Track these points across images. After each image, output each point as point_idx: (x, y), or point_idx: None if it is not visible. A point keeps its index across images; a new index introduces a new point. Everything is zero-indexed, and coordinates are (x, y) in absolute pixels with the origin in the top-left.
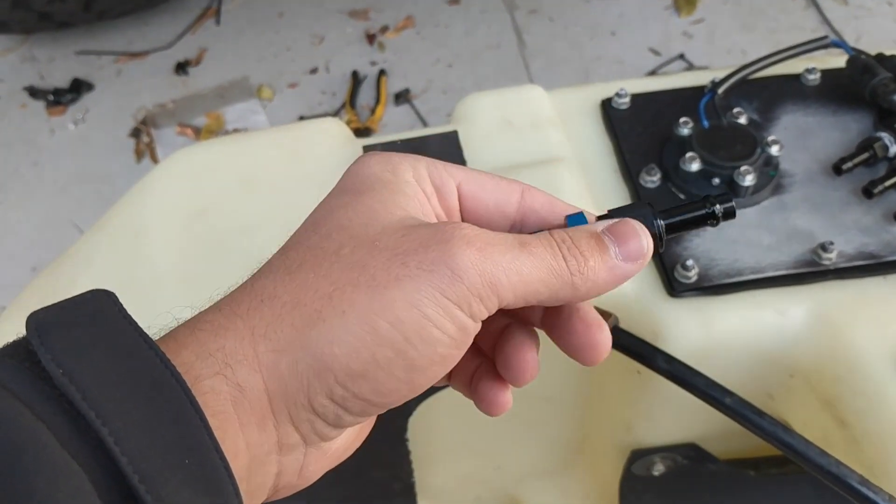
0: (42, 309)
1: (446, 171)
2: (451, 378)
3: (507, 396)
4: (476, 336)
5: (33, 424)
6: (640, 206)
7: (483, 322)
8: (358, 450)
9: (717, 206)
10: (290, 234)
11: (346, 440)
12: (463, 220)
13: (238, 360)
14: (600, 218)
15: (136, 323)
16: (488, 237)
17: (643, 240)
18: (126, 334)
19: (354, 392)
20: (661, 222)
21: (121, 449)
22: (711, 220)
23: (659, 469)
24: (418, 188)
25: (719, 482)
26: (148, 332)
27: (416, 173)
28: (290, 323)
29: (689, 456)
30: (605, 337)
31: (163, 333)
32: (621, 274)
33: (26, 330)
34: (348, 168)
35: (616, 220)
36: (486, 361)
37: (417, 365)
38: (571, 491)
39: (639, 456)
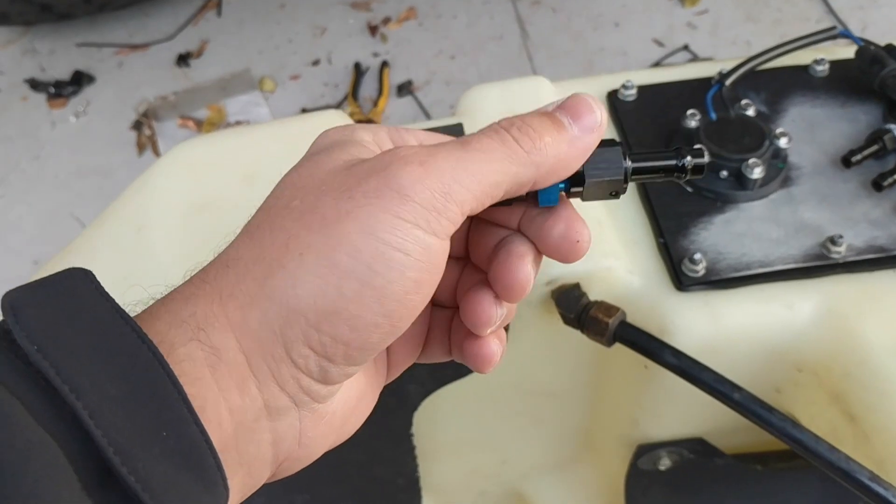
0: (17, 288)
1: (407, 133)
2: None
3: (494, 332)
4: (474, 257)
5: (7, 400)
6: (610, 143)
7: (471, 237)
8: (362, 446)
9: (689, 158)
10: None
11: (345, 406)
12: None
13: (210, 324)
14: None
15: (112, 299)
16: (427, 150)
17: (596, 111)
18: (101, 310)
19: (331, 334)
20: (630, 163)
21: (95, 423)
22: (679, 172)
23: (665, 463)
24: (376, 146)
25: (726, 476)
26: (127, 310)
27: (376, 136)
28: (252, 278)
29: (696, 450)
30: (587, 232)
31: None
32: (583, 146)
33: (1, 309)
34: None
35: (566, 97)
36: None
37: (389, 293)
38: (577, 485)
39: (645, 450)
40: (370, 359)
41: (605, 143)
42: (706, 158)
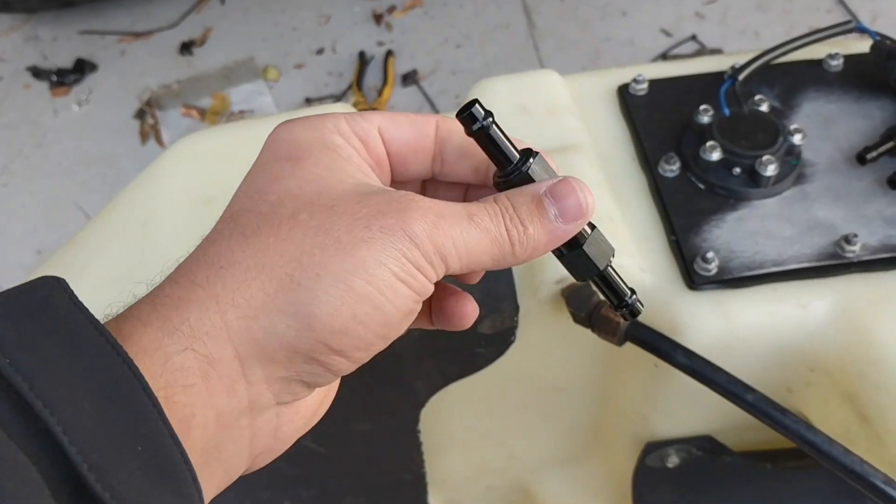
0: None
1: (365, 121)
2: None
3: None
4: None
5: None
6: (607, 242)
7: None
8: (369, 442)
9: (634, 297)
10: None
11: (319, 398)
12: (389, 160)
13: (205, 332)
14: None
15: (87, 310)
16: (440, 209)
17: (579, 195)
18: (76, 322)
19: (337, 349)
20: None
21: (70, 438)
22: (618, 304)
23: (673, 461)
24: (350, 147)
25: (734, 474)
26: (110, 310)
27: (341, 131)
28: (259, 288)
29: (704, 448)
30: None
31: (122, 309)
32: (561, 236)
33: None
34: (271, 135)
35: (559, 178)
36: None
37: (392, 319)
38: (584, 481)
39: (653, 448)
40: (354, 367)
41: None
42: (642, 310)
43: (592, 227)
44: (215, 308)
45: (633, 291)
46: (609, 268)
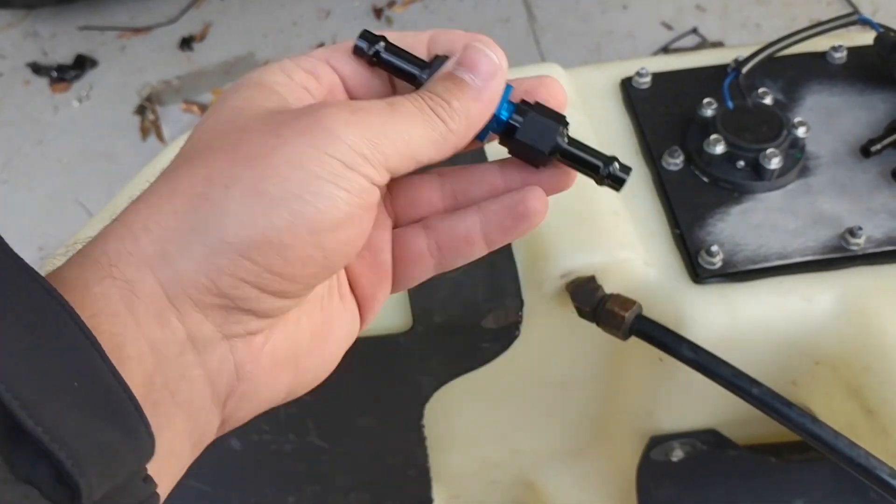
0: None
1: (313, 55)
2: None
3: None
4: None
5: None
6: (555, 116)
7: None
8: (373, 437)
9: (616, 164)
10: None
11: (291, 341)
12: (345, 85)
13: (122, 259)
14: (521, 103)
15: (17, 256)
16: (358, 103)
17: (492, 56)
18: (5, 267)
19: (263, 264)
20: (565, 142)
21: None
22: (599, 177)
23: (678, 455)
24: (290, 81)
25: (739, 468)
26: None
27: (284, 68)
28: (170, 210)
29: (709, 442)
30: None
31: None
32: (489, 96)
33: None
34: None
35: (462, 50)
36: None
37: (321, 224)
38: (588, 476)
39: (658, 442)
40: (306, 293)
41: (552, 115)
42: (628, 177)
43: (527, 107)
44: (129, 235)
45: (610, 160)
46: (565, 145)
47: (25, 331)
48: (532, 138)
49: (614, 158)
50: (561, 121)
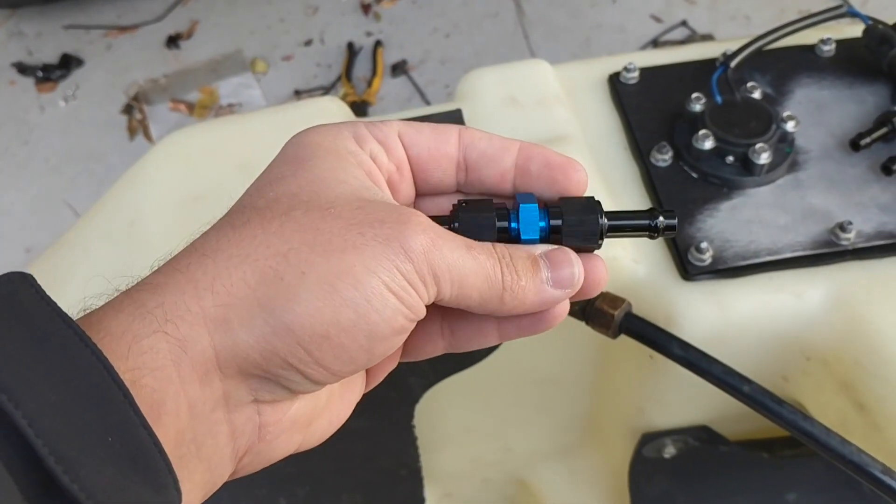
0: None
1: (384, 125)
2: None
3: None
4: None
5: None
6: (588, 203)
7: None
8: (364, 438)
9: (661, 218)
10: None
11: (311, 406)
12: (411, 166)
13: (179, 315)
14: (549, 205)
15: (53, 303)
16: (440, 230)
17: (575, 269)
18: (41, 315)
19: (316, 357)
20: (605, 221)
21: (35, 431)
22: (652, 232)
23: (670, 451)
24: (363, 153)
25: (730, 464)
26: (87, 303)
27: (357, 135)
28: (240, 278)
29: (701, 438)
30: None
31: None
32: (549, 298)
33: None
34: (290, 140)
35: (555, 247)
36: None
37: (378, 331)
38: (581, 473)
39: (650, 438)
40: (336, 381)
41: (584, 200)
42: (676, 221)
43: (557, 205)
44: (192, 292)
45: (652, 214)
46: (607, 224)
47: (63, 385)
48: (578, 240)
49: (655, 210)
50: (595, 208)
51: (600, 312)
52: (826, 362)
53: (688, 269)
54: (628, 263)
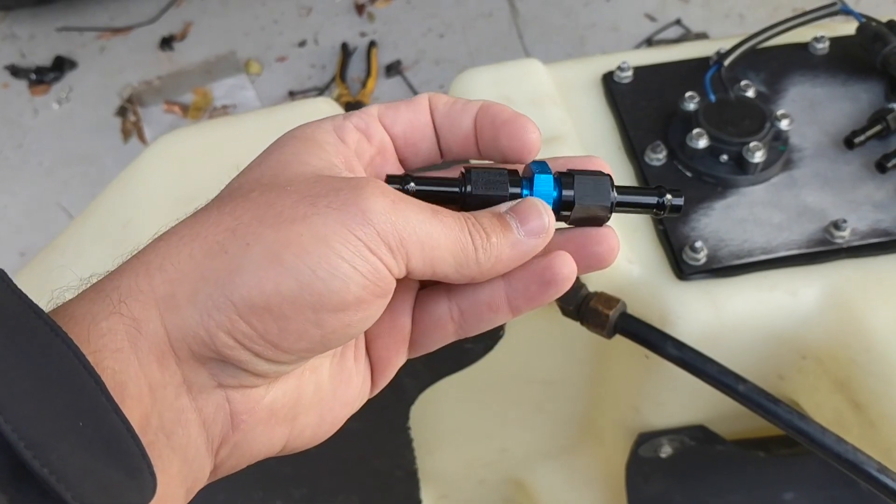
0: None
1: (365, 114)
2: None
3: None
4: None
5: None
6: (599, 175)
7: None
8: (359, 439)
9: (668, 196)
10: None
11: (292, 398)
12: (397, 144)
13: (132, 296)
14: (562, 175)
15: (24, 294)
16: (403, 196)
17: (544, 217)
18: (11, 305)
19: (260, 330)
20: (616, 195)
21: (4, 417)
22: (658, 210)
23: (666, 451)
24: (342, 143)
25: (727, 463)
26: (57, 293)
27: (337, 126)
28: (187, 254)
29: (697, 437)
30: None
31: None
32: (524, 250)
33: None
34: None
35: (519, 200)
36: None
37: (326, 302)
38: (577, 473)
39: (646, 438)
40: (300, 365)
41: (595, 174)
42: (682, 200)
43: (570, 176)
44: (144, 272)
45: (660, 191)
46: (616, 198)
47: (30, 370)
48: (588, 212)
49: (662, 188)
50: (607, 181)
51: (595, 312)
52: (821, 361)
53: (682, 269)
54: (623, 263)
